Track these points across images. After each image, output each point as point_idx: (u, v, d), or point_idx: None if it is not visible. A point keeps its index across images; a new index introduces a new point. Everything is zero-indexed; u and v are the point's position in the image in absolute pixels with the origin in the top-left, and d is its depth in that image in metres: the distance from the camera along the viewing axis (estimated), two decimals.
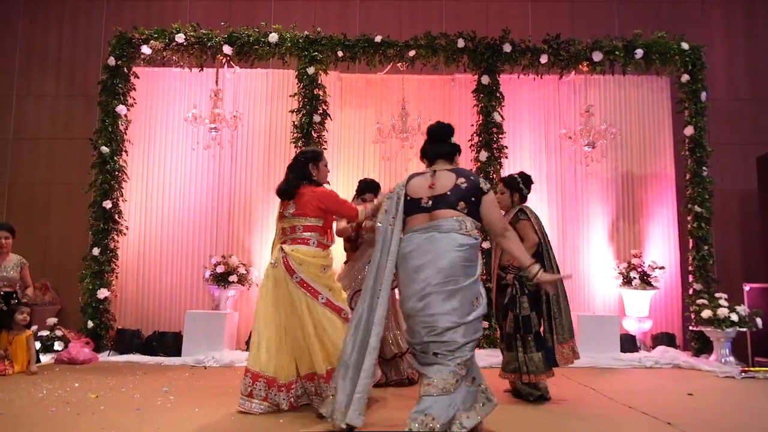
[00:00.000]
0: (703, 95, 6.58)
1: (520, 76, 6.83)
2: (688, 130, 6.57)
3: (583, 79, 7.01)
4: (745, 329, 5.77)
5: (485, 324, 6.27)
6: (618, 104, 7.16)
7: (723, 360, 5.76)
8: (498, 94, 6.57)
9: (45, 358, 5.43)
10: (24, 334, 4.83)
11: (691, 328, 6.25)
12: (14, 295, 5.02)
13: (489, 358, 5.84)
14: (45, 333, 5.79)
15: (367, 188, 4.68)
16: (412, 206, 2.90)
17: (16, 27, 7.68)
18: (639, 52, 6.52)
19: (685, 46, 6.58)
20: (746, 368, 5.35)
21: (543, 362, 3.88)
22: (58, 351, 5.67)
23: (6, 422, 3.10)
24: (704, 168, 6.50)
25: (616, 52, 6.52)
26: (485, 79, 6.54)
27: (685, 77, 6.63)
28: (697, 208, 6.43)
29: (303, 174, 3.64)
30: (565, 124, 6.97)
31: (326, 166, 3.80)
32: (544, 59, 6.55)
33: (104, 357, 5.89)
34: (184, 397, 3.90)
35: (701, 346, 6.19)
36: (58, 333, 5.90)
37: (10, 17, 7.69)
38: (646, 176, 7.03)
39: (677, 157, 6.93)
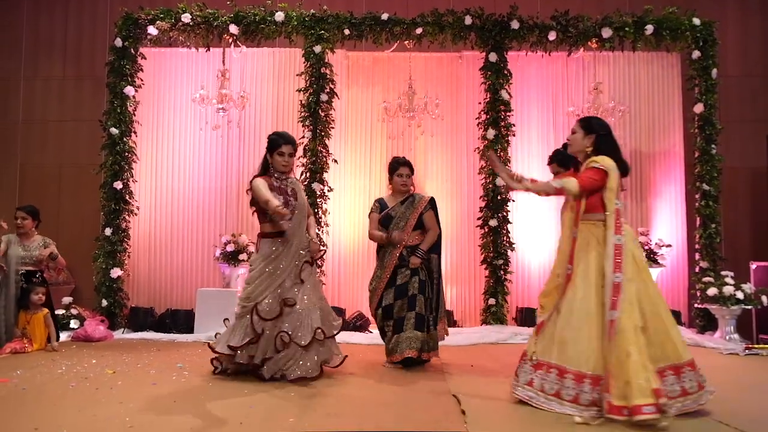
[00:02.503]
0: (714, 72, 6.52)
1: (528, 54, 6.79)
2: (698, 108, 6.52)
3: (592, 56, 6.95)
4: (750, 307, 5.81)
5: (492, 301, 6.35)
6: (627, 81, 7.10)
7: (727, 337, 5.81)
8: (506, 72, 6.55)
9: (62, 336, 5.55)
10: (41, 313, 4.94)
11: (696, 305, 6.29)
12: (37, 275, 5.12)
13: (495, 333, 5.92)
14: (61, 312, 5.92)
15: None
16: None
17: (21, 10, 7.69)
18: (649, 29, 6.46)
19: (696, 21, 6.50)
20: (750, 345, 5.40)
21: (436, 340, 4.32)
22: (74, 329, 5.80)
23: (29, 397, 3.21)
24: (713, 146, 6.47)
25: (626, 29, 6.46)
26: (493, 57, 6.51)
27: (696, 54, 6.56)
28: (705, 186, 6.42)
29: None
30: (573, 102, 6.94)
31: None
32: (552, 36, 6.50)
33: (119, 334, 6.02)
34: (198, 372, 4.00)
35: (706, 323, 6.24)
36: (74, 311, 6.04)
37: (15, 1, 7.69)
38: (654, 154, 7.00)
39: (686, 134, 6.89)
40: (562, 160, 4.28)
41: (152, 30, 6.53)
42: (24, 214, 5.15)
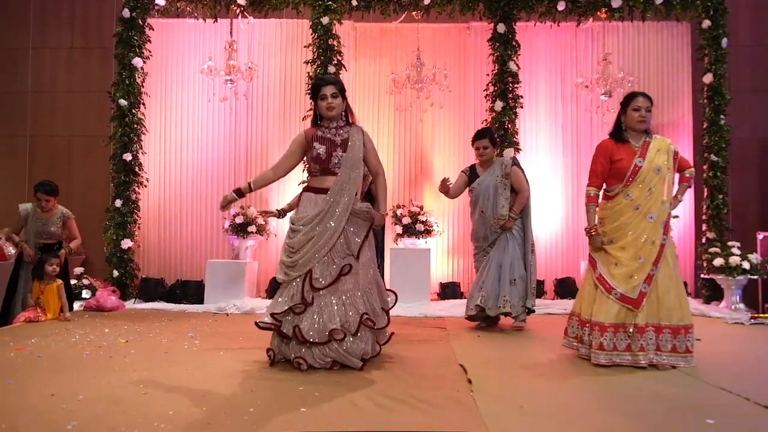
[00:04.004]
0: (725, 41, 6.42)
1: (536, 24, 6.71)
2: (707, 78, 6.45)
3: (601, 26, 6.86)
4: (756, 277, 5.83)
5: None
6: (636, 52, 7.02)
7: (733, 307, 5.85)
8: (514, 43, 6.48)
9: (74, 306, 5.66)
10: (54, 284, 5.03)
11: (702, 275, 6.32)
12: (54, 247, 5.18)
13: None
14: (73, 282, 6.01)
15: None
16: None
17: None
18: None
19: None
20: (756, 314, 5.44)
21: None
22: (86, 299, 5.91)
23: (45, 364, 3.29)
24: (722, 116, 6.41)
25: None
26: (501, 28, 6.44)
27: (706, 23, 6.46)
28: (714, 157, 6.39)
29: None
30: (582, 73, 6.88)
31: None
32: (561, 6, 6.41)
33: (130, 304, 6.13)
34: (209, 341, 4.09)
35: (712, 293, 6.27)
36: (86, 282, 6.14)
37: None
38: (663, 125, 6.95)
39: (695, 105, 6.83)
40: (493, 139, 4.81)
41: (159, 0, 6.49)
42: (46, 196, 5.12)
